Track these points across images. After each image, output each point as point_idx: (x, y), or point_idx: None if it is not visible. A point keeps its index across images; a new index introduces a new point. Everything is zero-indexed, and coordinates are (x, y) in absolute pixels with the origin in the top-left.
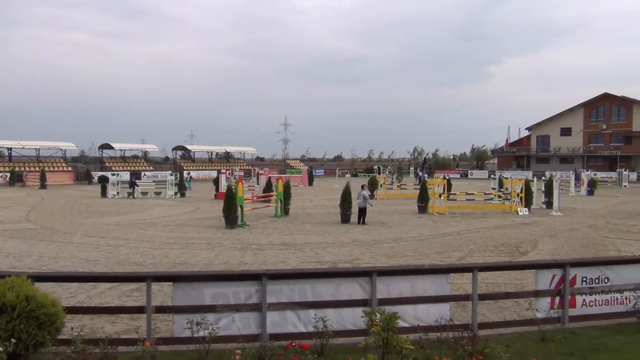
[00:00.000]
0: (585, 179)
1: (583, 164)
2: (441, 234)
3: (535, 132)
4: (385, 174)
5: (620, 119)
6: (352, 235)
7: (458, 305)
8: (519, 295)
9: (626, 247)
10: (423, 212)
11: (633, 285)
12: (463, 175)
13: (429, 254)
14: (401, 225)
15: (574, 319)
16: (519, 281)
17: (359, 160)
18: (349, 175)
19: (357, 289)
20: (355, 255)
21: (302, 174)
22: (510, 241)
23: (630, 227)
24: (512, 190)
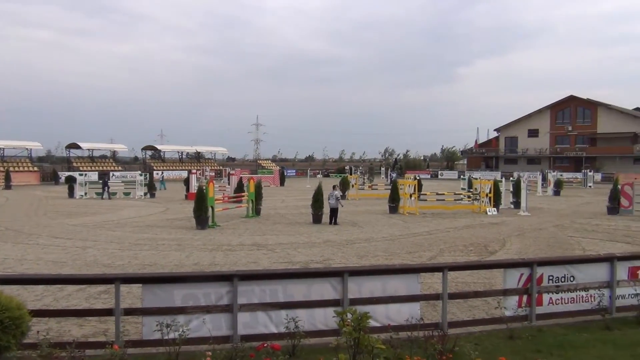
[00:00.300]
0: (551, 180)
1: (550, 164)
2: (412, 234)
3: (504, 134)
4: (356, 174)
5: (586, 120)
6: (323, 235)
7: (428, 305)
8: (487, 294)
9: (591, 246)
10: (394, 212)
11: (598, 284)
12: (433, 176)
13: (400, 253)
14: (372, 226)
15: (541, 316)
16: (487, 280)
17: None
18: (321, 175)
19: (329, 289)
20: (326, 255)
21: (274, 174)
22: (479, 241)
23: (594, 227)
24: (481, 190)
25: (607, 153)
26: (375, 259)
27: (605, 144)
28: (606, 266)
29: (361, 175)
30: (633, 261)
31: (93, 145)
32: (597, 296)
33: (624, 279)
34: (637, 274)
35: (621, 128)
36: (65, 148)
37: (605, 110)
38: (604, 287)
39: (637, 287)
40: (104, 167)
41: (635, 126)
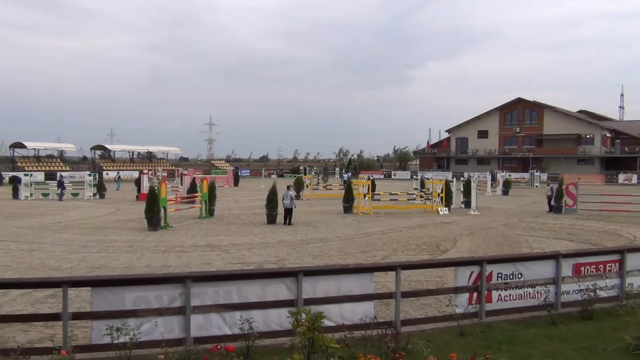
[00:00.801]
0: (500, 180)
1: (499, 165)
2: (366, 234)
3: (455, 135)
4: (311, 174)
5: (533, 122)
6: (278, 235)
7: (382, 304)
8: (439, 292)
9: (538, 244)
10: (348, 212)
11: (544, 280)
12: (387, 176)
13: (354, 253)
14: (327, 226)
15: (491, 313)
16: (440, 278)
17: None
18: (275, 175)
19: (283, 290)
20: (281, 255)
21: (228, 175)
22: (431, 240)
23: (541, 225)
24: (433, 190)
25: (553, 154)
26: (329, 258)
27: (551, 145)
28: (552, 263)
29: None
30: (577, 258)
31: (39, 145)
32: (544, 292)
33: (569, 276)
34: (581, 270)
35: (566, 130)
36: (9, 147)
37: (551, 113)
38: (549, 284)
39: (581, 283)
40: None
41: (578, 128)
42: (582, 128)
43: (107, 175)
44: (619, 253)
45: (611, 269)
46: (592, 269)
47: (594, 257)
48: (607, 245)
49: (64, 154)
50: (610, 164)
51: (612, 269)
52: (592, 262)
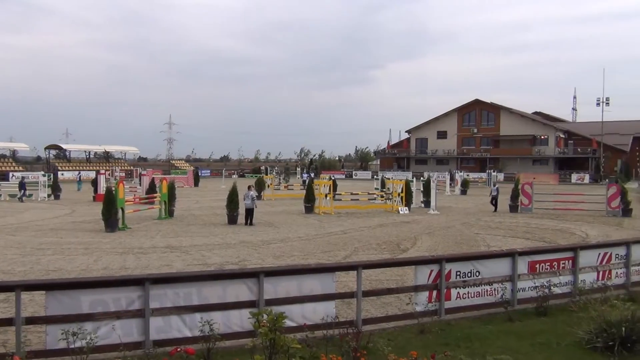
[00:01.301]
0: (459, 180)
1: (457, 165)
2: (327, 234)
3: (415, 135)
4: (272, 174)
5: (490, 123)
6: (239, 236)
7: (343, 303)
8: (400, 290)
9: (495, 242)
10: (310, 212)
11: (501, 278)
12: (348, 176)
13: (316, 253)
14: (288, 226)
15: (450, 311)
16: (400, 277)
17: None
18: (236, 175)
19: (245, 291)
20: (242, 256)
21: (188, 175)
22: (392, 239)
23: (498, 224)
24: (394, 190)
25: (509, 154)
26: (291, 259)
27: (507, 145)
28: (508, 261)
29: (277, 175)
30: (532, 256)
31: None
32: (501, 289)
33: (525, 273)
34: (536, 267)
35: (521, 131)
36: None
37: (507, 114)
38: (506, 281)
39: (536, 280)
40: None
41: (533, 129)
42: (536, 129)
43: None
44: (572, 250)
45: (565, 266)
46: (546, 266)
47: (549, 254)
48: (561, 243)
49: (17, 153)
50: (564, 164)
51: (566, 266)
52: (547, 260)
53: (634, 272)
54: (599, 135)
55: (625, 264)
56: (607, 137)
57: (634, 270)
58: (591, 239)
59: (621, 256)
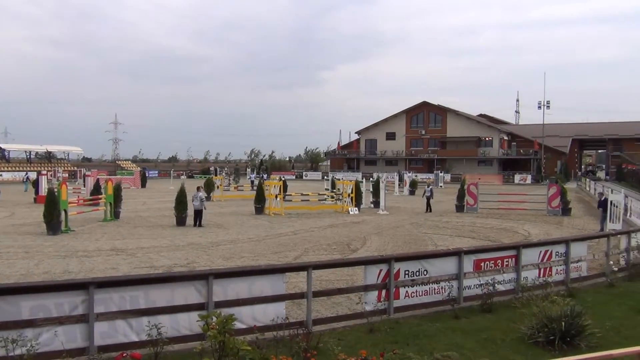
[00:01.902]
0: (407, 180)
1: (406, 166)
2: (277, 234)
3: (364, 136)
4: (222, 175)
5: (437, 125)
6: (188, 238)
7: (294, 304)
8: (350, 290)
9: (442, 241)
10: (260, 213)
11: (448, 276)
12: (298, 177)
13: (266, 254)
14: (238, 227)
15: (398, 309)
16: (350, 277)
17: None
18: (185, 176)
19: (193, 293)
20: (191, 258)
21: (134, 176)
22: (342, 239)
23: (444, 224)
24: (344, 190)
25: (456, 155)
26: (241, 260)
27: (454, 147)
28: (454, 260)
29: (226, 176)
30: (477, 254)
31: None
32: (447, 288)
33: (470, 271)
34: (481, 266)
35: (467, 133)
36: None
37: (454, 116)
38: (453, 279)
39: (481, 278)
40: None
41: (479, 131)
42: (482, 131)
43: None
44: (515, 249)
45: (508, 264)
46: (491, 265)
47: (493, 253)
48: (505, 241)
49: None
50: (507, 165)
51: (509, 264)
52: (491, 258)
53: (572, 269)
54: (540, 137)
55: (565, 261)
56: (547, 139)
57: (572, 267)
58: (533, 237)
59: (561, 254)
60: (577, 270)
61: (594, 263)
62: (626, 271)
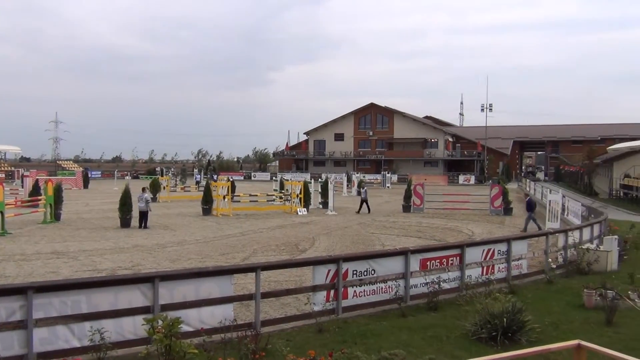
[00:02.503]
0: (355, 181)
1: (354, 166)
2: (225, 236)
3: (313, 137)
4: (168, 175)
5: (384, 126)
6: (132, 240)
7: (242, 305)
8: (298, 291)
9: (389, 241)
10: (207, 214)
11: (395, 275)
12: (247, 177)
13: (214, 256)
14: (185, 228)
15: (347, 309)
16: (299, 277)
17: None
18: (129, 177)
19: (138, 296)
20: (136, 261)
21: (76, 176)
22: (290, 240)
23: (392, 224)
24: (292, 191)
25: (402, 156)
26: (188, 262)
27: (401, 148)
28: (401, 259)
29: (173, 176)
30: (424, 253)
31: None
32: (394, 287)
33: (417, 270)
34: (427, 264)
35: (414, 134)
36: None
37: (401, 118)
38: (400, 278)
39: (427, 277)
40: None
41: (425, 133)
42: (427, 133)
43: None
44: (459, 248)
45: (453, 263)
46: (436, 263)
47: (438, 252)
48: (450, 241)
49: None
50: (452, 166)
51: (454, 262)
52: (437, 257)
53: (514, 267)
54: (483, 139)
55: (507, 259)
56: (490, 141)
57: (514, 264)
58: (476, 236)
59: (503, 252)
60: (518, 267)
61: (533, 261)
62: (564, 268)
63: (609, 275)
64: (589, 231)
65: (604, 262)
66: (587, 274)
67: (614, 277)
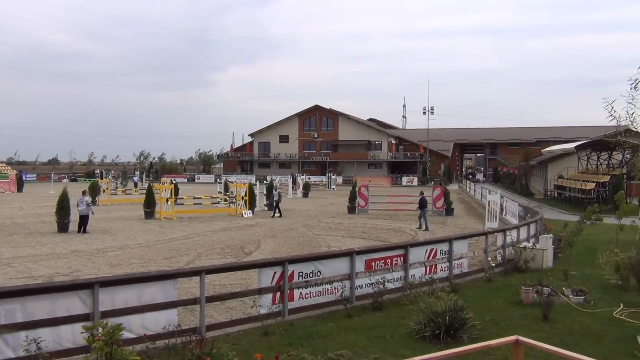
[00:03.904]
0: (301, 183)
1: (299, 168)
2: (169, 239)
3: (257, 139)
4: (108, 178)
5: (329, 129)
6: (71, 245)
7: (187, 310)
8: (244, 294)
9: (334, 242)
10: (150, 218)
11: (340, 276)
12: (190, 180)
13: (157, 260)
14: (126, 232)
15: (293, 311)
16: (244, 280)
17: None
18: (67, 180)
19: (77, 304)
20: (75, 267)
21: (10, 179)
22: (236, 243)
23: (337, 225)
24: (237, 193)
25: (347, 158)
26: (129, 267)
27: (345, 150)
28: (347, 260)
29: (113, 179)
30: (368, 254)
31: None
32: (340, 288)
33: (362, 271)
34: (372, 265)
35: (358, 136)
36: None
37: (345, 120)
38: (345, 279)
39: (372, 277)
40: None
41: (369, 135)
42: (371, 135)
43: None
44: (403, 248)
45: (397, 263)
46: (381, 264)
47: (383, 252)
48: (394, 241)
49: None
50: (396, 167)
51: (398, 262)
52: (381, 257)
53: (455, 266)
54: (425, 142)
55: (449, 259)
56: (432, 143)
57: (455, 264)
58: (419, 237)
59: (445, 252)
60: (459, 267)
61: (474, 260)
62: (502, 266)
63: (544, 272)
64: (526, 230)
65: (540, 260)
66: (524, 272)
67: (550, 274)
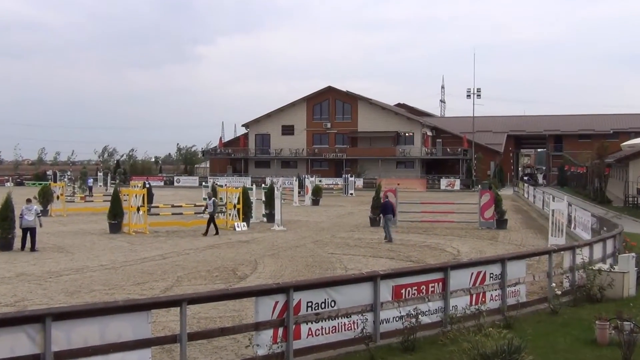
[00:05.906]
0: (309, 187)
1: (307, 168)
2: (140, 259)
3: (254, 130)
4: (63, 181)
5: (346, 117)
6: (16, 266)
7: (163, 350)
8: (237, 330)
9: (353, 263)
10: (116, 232)
11: (361, 308)
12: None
13: (125, 286)
14: (87, 250)
15: (300, 352)
16: (237, 313)
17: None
18: (12, 183)
19: (24, 341)
20: (21, 294)
21: None
22: (226, 264)
23: (357, 242)
24: (228, 201)
25: (369, 155)
26: (91, 295)
27: (367, 144)
28: (369, 286)
29: (70, 183)
30: (397, 279)
31: None
32: (361, 322)
33: (388, 300)
34: (402, 293)
35: (383, 127)
36: None
37: (366, 106)
38: (367, 311)
39: (402, 309)
40: None
41: (397, 125)
42: (400, 125)
43: None
44: (442, 271)
45: (434, 290)
46: (413, 291)
47: (416, 276)
48: (430, 262)
49: None
50: (432, 166)
51: (435, 289)
52: (414, 283)
53: (509, 294)
54: (471, 133)
55: (501, 285)
56: (479, 135)
57: (509, 291)
58: (463, 256)
59: (496, 275)
60: (514, 295)
61: (534, 286)
62: (570, 295)
63: (625, 302)
64: (601, 248)
65: (619, 287)
66: (599, 302)
67: (632, 305)
